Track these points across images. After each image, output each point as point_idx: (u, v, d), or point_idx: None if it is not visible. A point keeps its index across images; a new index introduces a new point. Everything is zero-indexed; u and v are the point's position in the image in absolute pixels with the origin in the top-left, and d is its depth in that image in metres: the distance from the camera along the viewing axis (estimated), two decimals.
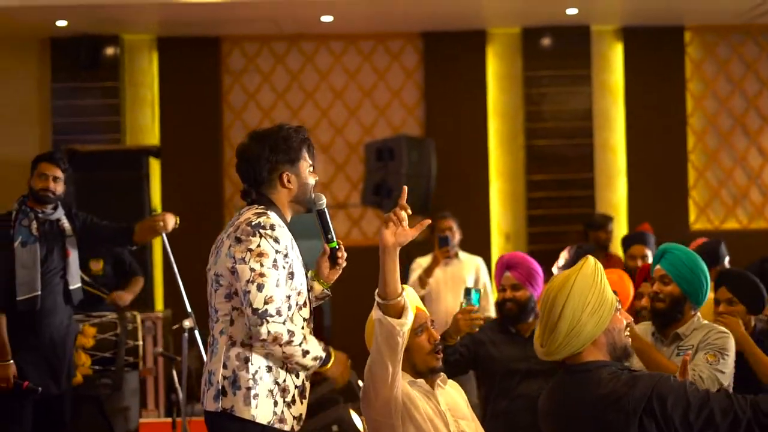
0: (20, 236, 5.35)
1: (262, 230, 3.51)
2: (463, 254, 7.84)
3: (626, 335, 2.96)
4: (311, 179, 3.74)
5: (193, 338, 5.64)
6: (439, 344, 3.74)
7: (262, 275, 3.45)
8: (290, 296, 3.56)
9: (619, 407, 2.77)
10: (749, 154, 10.46)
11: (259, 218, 3.55)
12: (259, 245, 3.49)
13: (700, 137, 10.47)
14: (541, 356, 3.00)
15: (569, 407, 2.90)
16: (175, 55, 10.33)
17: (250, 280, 3.45)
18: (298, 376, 3.61)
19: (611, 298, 2.94)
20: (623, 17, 10.30)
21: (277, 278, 3.49)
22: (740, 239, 9.64)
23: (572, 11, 9.76)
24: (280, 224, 3.58)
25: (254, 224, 3.53)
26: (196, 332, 5.61)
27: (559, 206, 10.26)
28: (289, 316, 3.51)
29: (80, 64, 10.05)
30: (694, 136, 10.47)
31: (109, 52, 10.19)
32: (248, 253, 3.48)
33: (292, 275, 3.57)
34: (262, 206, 3.64)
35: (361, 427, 6.02)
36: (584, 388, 2.87)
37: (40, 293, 5.34)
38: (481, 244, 9.84)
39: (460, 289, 6.99)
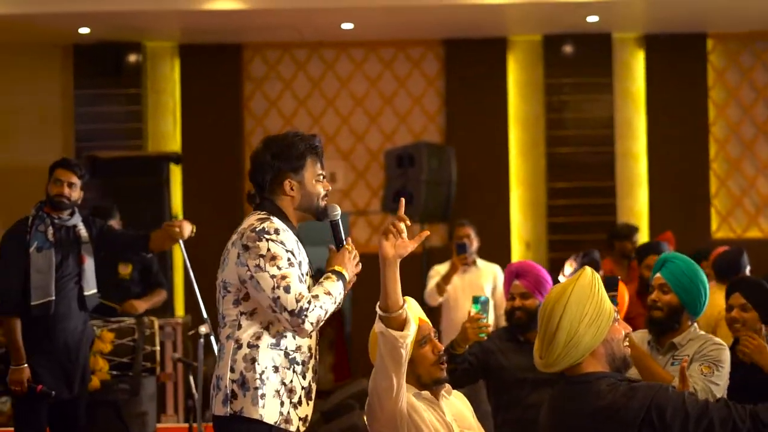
0: (36, 241, 5.37)
1: (267, 235, 3.52)
2: (481, 262, 7.83)
3: (625, 345, 2.94)
4: (319, 188, 3.71)
5: (209, 344, 5.65)
6: (443, 355, 3.73)
7: (284, 277, 3.46)
8: None
9: (617, 419, 2.76)
10: None
11: (262, 224, 3.56)
12: (269, 249, 3.50)
13: (722, 145, 10.41)
14: (540, 368, 2.98)
15: (568, 419, 2.88)
16: (196, 62, 10.39)
17: (275, 286, 3.45)
18: (305, 377, 3.62)
19: (609, 308, 2.91)
20: (645, 25, 10.26)
21: (298, 275, 3.51)
22: (763, 248, 9.58)
23: (593, 18, 9.74)
24: (284, 229, 3.58)
25: (258, 230, 3.54)
26: (212, 338, 5.62)
27: (579, 214, 10.23)
28: (312, 293, 3.51)
29: (103, 71, 10.15)
30: (716, 144, 10.41)
31: (131, 59, 10.27)
32: (261, 259, 3.48)
33: (303, 278, 3.59)
34: (264, 212, 3.65)
35: None
36: (583, 399, 2.85)
37: (53, 298, 5.35)
38: (501, 251, 9.83)
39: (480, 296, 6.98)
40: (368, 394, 3.56)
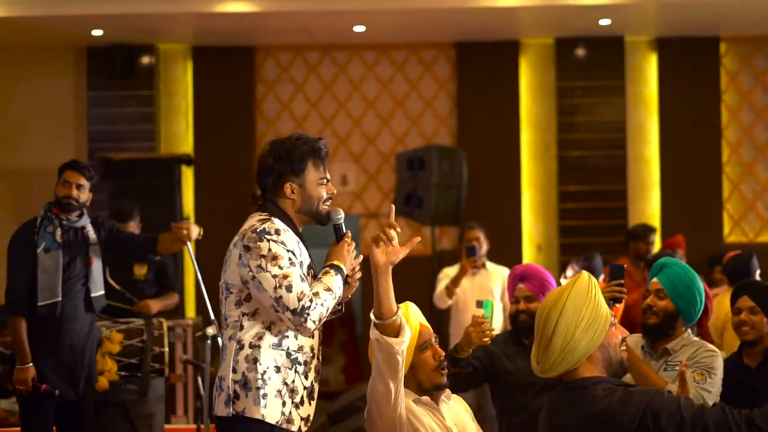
0: (44, 242, 5.39)
1: (267, 236, 3.53)
2: (490, 265, 7.83)
3: (622, 350, 2.93)
4: (322, 191, 3.70)
5: (216, 345, 5.67)
6: (443, 360, 3.73)
7: (285, 276, 3.47)
8: None
9: (613, 424, 2.75)
10: None
11: (263, 224, 3.58)
12: (270, 249, 3.51)
13: (735, 149, 10.37)
14: (537, 373, 2.98)
15: (565, 424, 2.88)
16: (209, 64, 10.43)
17: (277, 285, 3.46)
18: (307, 377, 3.63)
19: (606, 312, 2.90)
20: (657, 28, 10.24)
21: (299, 274, 3.52)
22: None
23: (605, 22, 9.72)
24: (284, 229, 3.59)
25: (259, 231, 3.55)
26: (219, 339, 5.64)
27: (591, 217, 10.21)
28: (313, 291, 3.51)
29: (116, 73, 10.19)
30: (729, 148, 10.37)
31: (144, 61, 10.31)
32: (262, 259, 3.50)
33: (302, 278, 3.59)
34: (266, 213, 3.66)
35: None
36: (580, 404, 2.84)
37: (60, 299, 5.37)
38: (512, 254, 9.81)
39: (486, 299, 6.96)
40: (367, 400, 3.57)
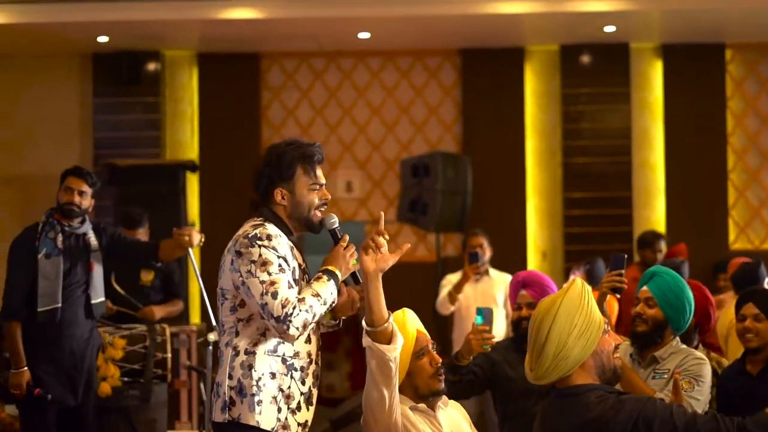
0: (45, 248, 5.40)
1: (259, 241, 3.53)
2: (493, 271, 7.82)
3: (616, 357, 2.92)
4: (313, 198, 3.68)
5: (218, 351, 5.68)
6: (441, 367, 3.72)
7: (273, 283, 3.46)
8: None
9: (606, 431, 2.74)
10: None
11: (255, 230, 3.57)
12: (260, 254, 3.50)
13: (740, 156, 10.35)
14: (530, 380, 2.97)
15: (558, 431, 2.88)
16: (215, 70, 10.45)
17: (263, 292, 3.46)
18: (303, 383, 3.62)
19: (599, 320, 2.90)
20: (663, 34, 10.23)
21: (288, 280, 3.50)
22: None
23: (610, 28, 9.72)
24: (277, 234, 3.58)
25: (251, 236, 3.55)
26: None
27: (596, 224, 10.20)
28: (298, 297, 3.49)
29: (121, 79, 10.22)
30: (734, 154, 10.35)
31: (150, 67, 10.34)
32: (252, 265, 3.50)
33: (295, 284, 3.57)
34: (260, 218, 3.66)
35: None
36: (573, 412, 2.84)
37: (60, 305, 5.38)
38: (517, 261, 9.79)
39: (489, 306, 6.96)
40: (362, 407, 3.57)
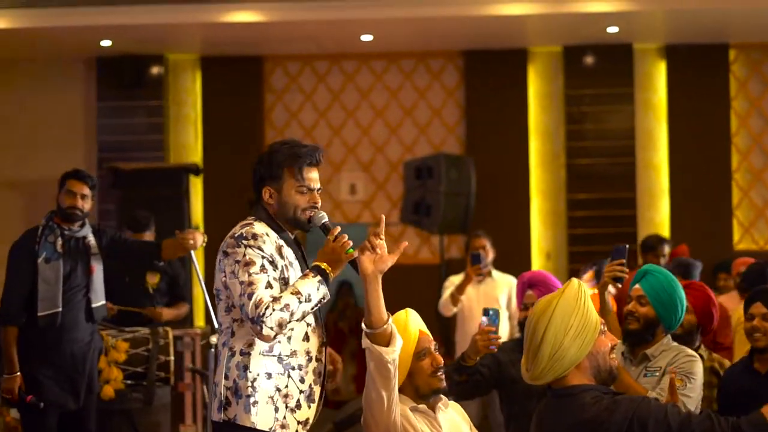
0: (44, 252, 5.38)
1: (244, 241, 3.54)
2: (496, 273, 7.81)
3: (612, 357, 2.92)
4: (299, 199, 3.67)
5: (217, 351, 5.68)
6: (441, 368, 3.72)
7: (251, 284, 3.47)
8: None
9: None
10: None
11: (242, 229, 3.58)
12: (245, 255, 3.51)
13: (744, 156, 10.33)
14: (526, 380, 2.97)
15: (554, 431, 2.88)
16: (218, 74, 10.46)
17: (241, 293, 3.48)
18: (302, 381, 3.62)
19: (595, 320, 2.89)
20: (666, 35, 10.21)
21: (267, 280, 3.50)
22: None
23: (613, 29, 9.71)
24: (264, 233, 3.58)
25: (237, 236, 3.56)
26: None
27: (600, 225, 10.18)
28: (273, 296, 3.47)
29: (125, 83, 10.26)
30: (738, 155, 10.34)
31: (153, 71, 10.36)
32: (236, 265, 3.51)
33: (286, 281, 3.57)
34: (252, 217, 3.67)
35: None
36: (568, 412, 2.84)
37: (60, 310, 5.37)
38: (521, 262, 9.78)
39: (493, 307, 6.95)
40: (362, 408, 3.57)
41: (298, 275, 3.63)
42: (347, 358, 11.21)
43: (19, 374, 5.36)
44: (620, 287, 4.47)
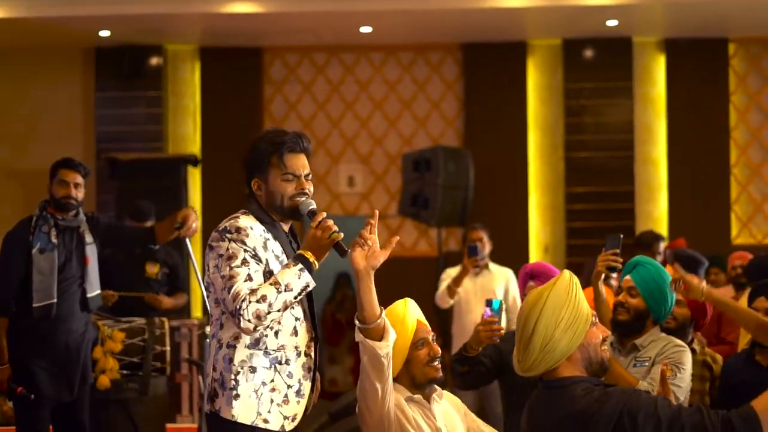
0: (39, 243, 5.32)
1: (228, 234, 3.52)
2: (493, 266, 7.79)
3: (603, 349, 2.91)
4: (286, 187, 3.63)
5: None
6: (437, 357, 3.72)
7: (231, 277, 3.46)
8: None
9: (591, 424, 2.73)
10: None
11: (227, 223, 3.57)
12: (228, 248, 3.49)
13: (743, 151, 10.33)
14: (518, 372, 2.96)
15: (544, 424, 2.86)
16: (217, 65, 10.46)
17: (222, 287, 3.48)
18: (291, 376, 3.61)
19: (586, 312, 2.88)
20: (666, 29, 10.20)
21: (247, 273, 3.48)
22: None
23: (613, 23, 9.70)
24: (249, 226, 3.55)
25: (221, 230, 3.55)
26: None
27: (598, 219, 10.18)
28: (251, 288, 3.46)
29: (123, 73, 10.25)
30: (737, 149, 10.33)
31: (152, 62, 10.35)
32: (219, 259, 3.50)
33: (271, 275, 3.56)
34: (242, 210, 3.66)
35: None
36: (558, 404, 2.82)
37: (55, 301, 5.31)
38: (519, 255, 9.79)
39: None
40: (357, 398, 3.57)
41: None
42: (344, 350, 11.22)
43: (8, 366, 5.31)
44: (615, 277, 4.47)
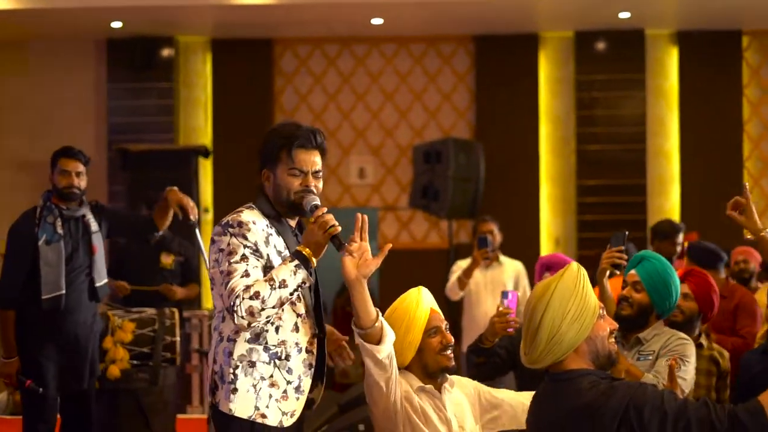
0: (45, 234, 5.26)
1: (230, 229, 3.47)
2: (504, 258, 7.79)
3: (610, 342, 2.89)
4: (292, 182, 3.57)
5: None
6: (450, 346, 3.72)
7: (229, 273, 3.42)
8: None
9: (597, 417, 2.72)
10: None
11: (230, 217, 3.52)
12: (228, 243, 3.45)
13: (756, 144, 10.28)
14: (525, 364, 2.95)
15: (550, 416, 2.85)
16: (228, 56, 10.46)
17: (221, 283, 3.44)
18: (290, 372, 3.59)
19: (593, 305, 2.85)
20: (678, 21, 10.16)
21: (245, 269, 3.44)
22: None
23: (625, 15, 9.66)
24: (252, 221, 3.50)
25: (223, 224, 3.51)
26: None
27: (610, 212, 10.15)
28: (246, 284, 3.42)
29: (135, 65, 10.26)
30: (750, 142, 10.28)
31: (164, 53, 10.36)
32: (220, 254, 3.46)
33: (272, 270, 3.54)
34: (248, 204, 3.63)
35: None
36: (564, 397, 2.81)
37: (64, 292, 5.27)
38: (530, 248, 9.79)
39: (500, 292, 6.94)
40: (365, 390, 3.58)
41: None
42: (354, 343, 11.22)
43: (17, 359, 5.28)
44: (619, 274, 4.45)
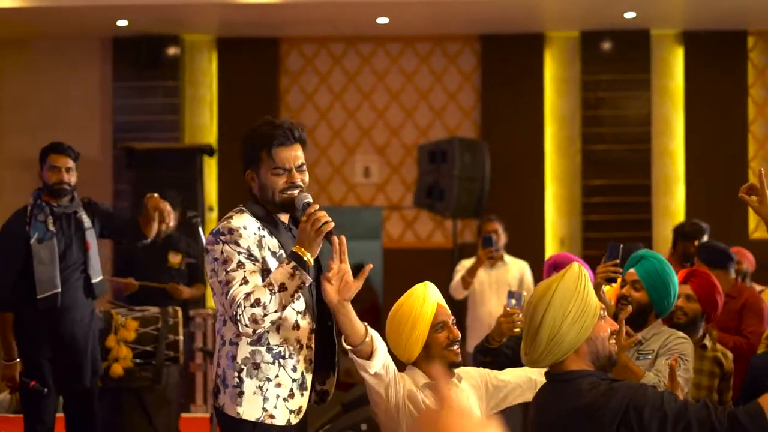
0: (36, 232, 5.19)
1: (221, 237, 3.47)
2: (508, 258, 7.79)
3: (611, 343, 2.89)
4: (276, 181, 3.54)
5: None
6: (457, 341, 3.71)
7: (228, 282, 3.42)
8: None
9: (597, 418, 2.71)
10: None
11: (220, 224, 3.52)
12: (222, 252, 3.44)
13: (761, 144, 10.26)
14: (525, 364, 2.95)
15: (550, 417, 2.85)
16: (234, 55, 10.46)
17: (221, 292, 3.44)
18: (295, 369, 3.59)
19: (594, 305, 2.85)
20: (684, 21, 10.14)
21: (243, 276, 3.44)
22: None
23: (631, 15, 9.65)
24: (242, 226, 3.49)
25: (214, 232, 3.50)
26: None
27: (615, 212, 10.14)
28: (246, 292, 3.41)
29: (141, 63, 10.26)
30: (755, 143, 10.26)
31: (169, 52, 10.37)
32: (215, 263, 3.46)
33: (269, 272, 3.52)
34: (238, 207, 3.60)
35: None
36: (564, 398, 2.81)
37: (60, 290, 5.20)
38: (535, 248, 9.78)
39: (504, 292, 6.94)
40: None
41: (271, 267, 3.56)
42: None
43: (18, 360, 5.23)
44: (614, 286, 4.44)
